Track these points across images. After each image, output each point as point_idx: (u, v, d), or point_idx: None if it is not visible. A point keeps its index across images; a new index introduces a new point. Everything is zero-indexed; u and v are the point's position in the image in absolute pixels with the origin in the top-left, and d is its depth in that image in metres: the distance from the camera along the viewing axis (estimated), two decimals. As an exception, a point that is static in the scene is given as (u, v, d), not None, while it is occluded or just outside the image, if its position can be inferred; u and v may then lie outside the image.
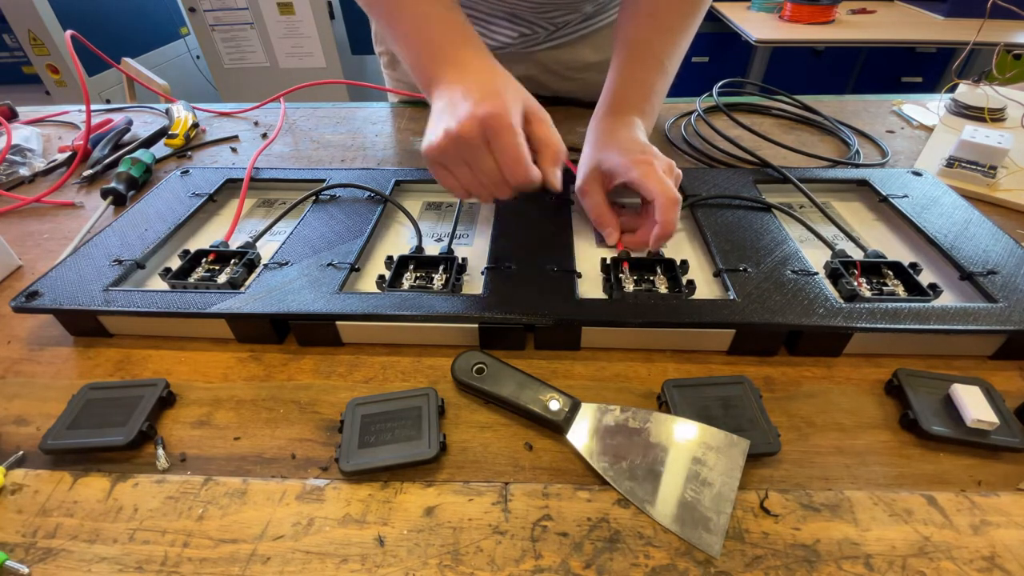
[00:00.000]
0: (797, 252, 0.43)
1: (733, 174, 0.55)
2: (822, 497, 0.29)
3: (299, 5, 1.88)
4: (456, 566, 0.27)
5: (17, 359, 0.40)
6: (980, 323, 0.35)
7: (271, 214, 0.54)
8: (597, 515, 0.29)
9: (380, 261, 0.46)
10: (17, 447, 0.33)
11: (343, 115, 0.79)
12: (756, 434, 0.31)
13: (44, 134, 0.74)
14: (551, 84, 0.76)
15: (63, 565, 0.27)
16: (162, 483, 0.31)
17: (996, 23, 1.71)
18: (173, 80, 1.34)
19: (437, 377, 0.37)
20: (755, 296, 0.38)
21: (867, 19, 1.95)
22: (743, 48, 2.05)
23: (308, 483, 0.31)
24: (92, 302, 0.39)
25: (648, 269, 0.43)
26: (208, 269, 0.44)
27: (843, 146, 0.66)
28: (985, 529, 0.28)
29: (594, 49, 0.73)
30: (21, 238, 0.53)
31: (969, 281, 0.40)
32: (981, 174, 0.56)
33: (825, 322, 0.36)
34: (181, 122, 0.71)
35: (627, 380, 0.37)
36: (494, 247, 0.44)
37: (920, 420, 0.32)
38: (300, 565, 0.27)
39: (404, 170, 0.56)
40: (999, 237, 0.44)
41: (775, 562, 0.27)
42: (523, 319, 0.37)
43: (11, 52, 1.83)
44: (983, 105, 0.70)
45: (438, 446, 0.31)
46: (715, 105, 0.69)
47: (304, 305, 0.38)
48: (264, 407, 0.36)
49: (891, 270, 0.42)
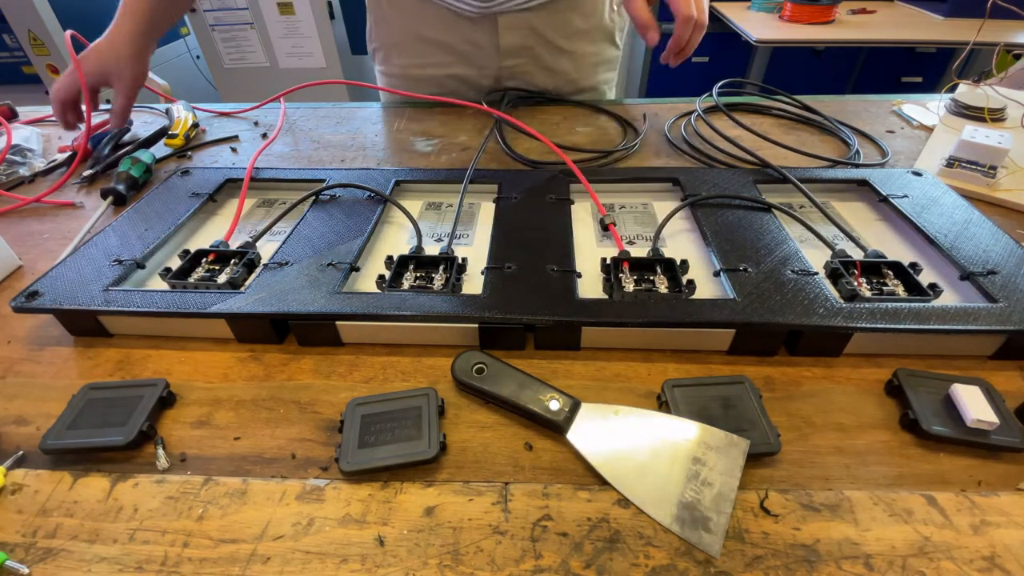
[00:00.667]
0: (797, 252, 0.43)
1: (733, 174, 0.55)
2: (822, 497, 0.29)
3: (299, 5, 1.88)
4: (456, 566, 0.27)
5: (17, 359, 0.40)
6: (980, 323, 0.35)
7: (271, 214, 0.54)
8: (597, 515, 0.29)
9: (380, 261, 0.46)
10: (17, 447, 0.33)
11: (343, 115, 0.79)
12: (756, 434, 0.31)
13: (44, 134, 0.74)
14: (548, 60, 0.77)
15: (63, 565, 0.27)
16: (162, 483, 0.31)
17: (996, 23, 1.71)
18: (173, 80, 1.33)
19: (437, 377, 0.37)
20: (755, 296, 0.38)
21: (867, 19, 1.95)
22: (743, 48, 2.05)
23: (308, 483, 0.31)
24: (92, 302, 0.39)
25: (648, 269, 0.43)
26: (208, 269, 0.44)
27: (843, 146, 0.66)
28: (985, 529, 0.28)
29: (583, 16, 0.75)
30: (21, 238, 0.53)
31: (969, 281, 0.40)
32: (981, 174, 0.56)
33: (825, 322, 0.36)
34: (181, 122, 0.71)
35: (627, 380, 0.37)
36: (494, 247, 0.44)
37: (920, 420, 0.32)
38: (300, 565, 0.27)
39: (404, 170, 0.57)
40: (999, 237, 0.44)
41: (775, 562, 0.27)
42: (523, 319, 0.37)
43: (11, 52, 1.82)
44: (983, 105, 0.70)
45: (438, 446, 0.31)
46: (715, 105, 0.69)
47: (304, 305, 0.38)
48: (264, 407, 0.36)
49: (891, 270, 0.42)
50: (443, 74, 0.78)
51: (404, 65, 0.80)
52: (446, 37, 0.75)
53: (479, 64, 0.77)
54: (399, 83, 0.81)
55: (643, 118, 0.74)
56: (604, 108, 0.77)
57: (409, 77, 0.80)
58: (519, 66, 0.77)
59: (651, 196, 0.55)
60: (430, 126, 0.74)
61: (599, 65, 0.82)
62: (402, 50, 0.79)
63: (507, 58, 0.76)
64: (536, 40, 0.75)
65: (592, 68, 0.81)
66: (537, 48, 0.76)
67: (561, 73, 0.79)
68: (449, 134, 0.71)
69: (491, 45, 0.74)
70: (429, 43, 0.76)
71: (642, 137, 0.68)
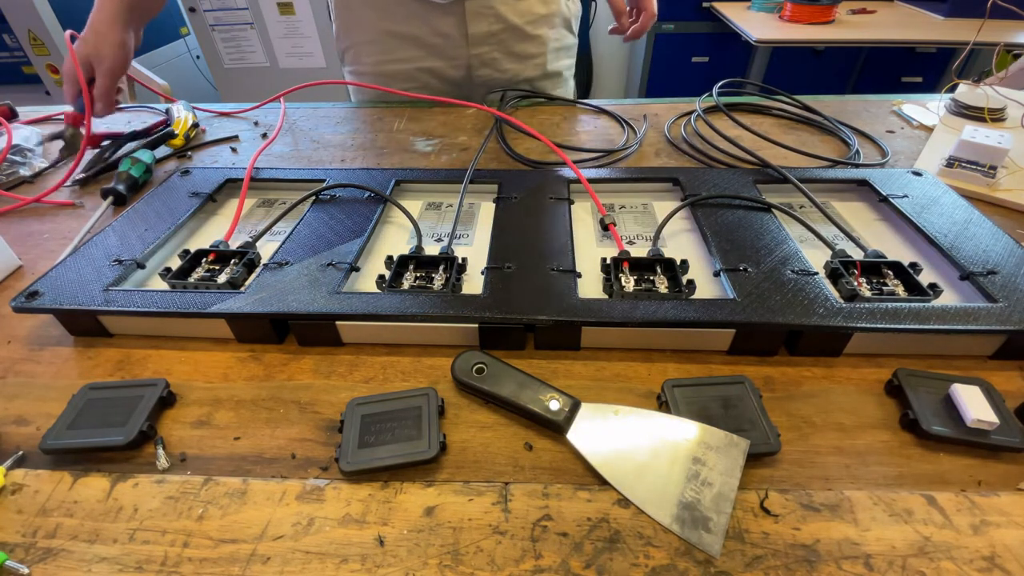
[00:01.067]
0: (797, 252, 0.43)
1: (733, 174, 0.55)
2: (822, 497, 0.29)
3: (299, 5, 1.88)
4: (456, 566, 0.27)
5: (17, 359, 0.40)
6: (980, 323, 0.35)
7: (271, 214, 0.54)
8: (597, 515, 0.29)
9: (380, 261, 0.46)
10: (17, 447, 0.33)
11: (343, 115, 0.79)
12: (756, 434, 0.31)
13: (44, 134, 0.74)
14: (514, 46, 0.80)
15: (63, 565, 0.27)
16: (162, 483, 0.31)
17: (996, 23, 1.71)
18: (173, 80, 1.33)
19: (437, 377, 0.37)
20: (755, 296, 0.38)
21: (867, 19, 1.95)
22: (743, 48, 2.05)
23: (308, 483, 0.31)
24: (92, 302, 0.39)
25: (648, 269, 0.43)
26: (208, 269, 0.44)
27: (843, 146, 0.66)
28: (985, 529, 0.28)
29: (543, 2, 0.79)
30: (21, 238, 0.53)
31: (969, 281, 0.40)
32: (981, 174, 0.56)
33: (825, 322, 0.36)
34: (181, 122, 0.71)
35: (627, 380, 0.37)
36: (494, 247, 0.44)
37: (920, 420, 0.32)
38: (300, 565, 0.27)
39: (404, 170, 0.56)
40: (999, 237, 0.44)
41: (775, 562, 0.27)
42: (523, 319, 0.37)
43: (11, 52, 1.82)
44: (983, 105, 0.70)
45: (438, 446, 0.31)
46: (715, 105, 0.69)
47: (304, 305, 0.38)
48: (264, 407, 0.36)
49: (891, 270, 0.42)
50: (414, 68, 0.80)
51: (375, 62, 0.81)
52: (416, 30, 0.77)
53: (449, 55, 0.79)
54: (370, 80, 0.83)
55: (643, 118, 0.74)
56: (604, 108, 0.77)
57: (380, 74, 0.81)
58: (487, 53, 0.79)
59: (651, 196, 0.55)
60: (430, 126, 0.74)
61: (560, 51, 0.85)
62: (373, 47, 0.80)
63: (476, 46, 0.78)
64: (502, 26, 0.77)
65: (555, 53, 0.85)
66: (503, 34, 0.78)
67: (528, 57, 0.81)
68: (449, 134, 0.71)
69: (460, 34, 0.77)
70: (398, 38, 0.78)
71: (642, 137, 0.68)
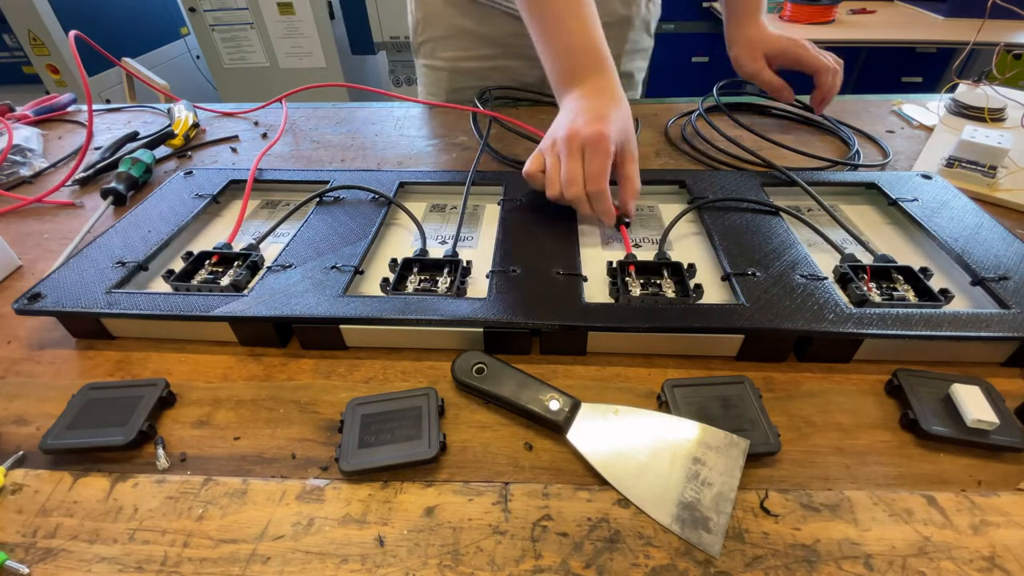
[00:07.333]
0: (806, 256, 0.42)
1: (740, 177, 0.54)
2: (822, 497, 0.29)
3: (299, 5, 1.89)
4: (456, 566, 0.27)
5: (17, 359, 0.40)
6: (992, 330, 0.35)
7: (274, 216, 0.54)
8: (597, 515, 0.29)
9: (384, 264, 0.45)
10: (17, 447, 0.33)
11: (343, 115, 0.79)
12: (756, 434, 0.31)
13: (44, 134, 0.74)
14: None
15: (63, 565, 0.27)
16: (162, 483, 0.31)
17: (996, 23, 1.71)
18: (173, 80, 1.34)
19: (437, 377, 0.37)
20: (764, 301, 0.38)
21: (867, 19, 1.95)
22: (743, 48, 2.05)
23: (308, 483, 0.31)
24: (95, 304, 0.39)
25: (655, 273, 0.42)
26: (211, 271, 0.44)
27: (843, 146, 0.66)
28: (985, 529, 0.28)
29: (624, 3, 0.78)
30: (21, 238, 0.53)
31: (981, 286, 0.39)
32: (981, 174, 0.56)
33: (836, 328, 0.35)
34: (182, 122, 0.71)
35: (627, 380, 0.37)
36: (499, 250, 0.44)
37: (920, 420, 0.32)
38: (300, 565, 0.27)
39: (409, 171, 0.56)
40: (1011, 242, 0.43)
41: (775, 562, 0.27)
42: (529, 324, 0.37)
43: (11, 52, 1.83)
44: (983, 105, 0.70)
45: (438, 446, 0.31)
46: (715, 105, 0.69)
47: (308, 308, 0.38)
48: (264, 407, 0.36)
49: (901, 275, 0.41)
50: (487, 67, 0.80)
51: (450, 58, 0.81)
52: (494, 30, 0.77)
53: (527, 56, 0.77)
54: (444, 75, 0.83)
55: (635, 122, 0.73)
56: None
57: (454, 70, 0.82)
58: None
59: (657, 199, 0.55)
60: (430, 126, 0.74)
61: (636, 53, 0.85)
62: (449, 43, 0.80)
63: None
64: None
65: (630, 55, 0.84)
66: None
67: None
68: (449, 134, 0.72)
69: None
70: (475, 36, 0.78)
71: (636, 137, 0.68)
